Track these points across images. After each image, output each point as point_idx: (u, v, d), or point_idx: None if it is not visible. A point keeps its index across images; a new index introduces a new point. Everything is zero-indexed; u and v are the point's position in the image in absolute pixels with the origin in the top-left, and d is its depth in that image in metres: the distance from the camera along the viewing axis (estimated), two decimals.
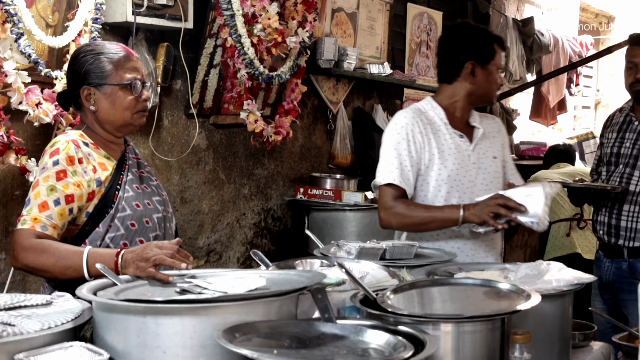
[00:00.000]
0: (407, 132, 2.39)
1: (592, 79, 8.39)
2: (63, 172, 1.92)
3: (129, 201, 2.01)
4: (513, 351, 1.58)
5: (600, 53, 5.77)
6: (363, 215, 3.67)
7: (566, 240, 4.48)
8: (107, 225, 1.97)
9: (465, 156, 2.44)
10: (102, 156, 2.03)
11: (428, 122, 2.44)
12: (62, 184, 1.91)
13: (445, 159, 2.41)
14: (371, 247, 2.16)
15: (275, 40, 3.32)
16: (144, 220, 2.03)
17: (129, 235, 1.99)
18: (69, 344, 1.40)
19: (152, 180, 2.16)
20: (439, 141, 2.42)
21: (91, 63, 2.01)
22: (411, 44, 5.11)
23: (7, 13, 2.28)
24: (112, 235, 1.97)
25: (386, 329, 1.40)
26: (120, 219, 1.99)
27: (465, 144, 2.45)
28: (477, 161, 2.45)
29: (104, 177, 2.00)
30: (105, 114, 2.03)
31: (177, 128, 3.34)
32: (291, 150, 4.06)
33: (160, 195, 2.15)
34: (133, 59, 2.06)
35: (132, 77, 2.02)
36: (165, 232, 2.10)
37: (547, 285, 1.75)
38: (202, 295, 1.47)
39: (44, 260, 1.82)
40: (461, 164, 2.43)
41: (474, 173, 2.44)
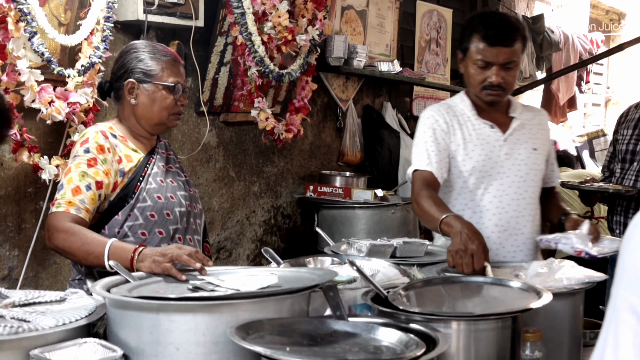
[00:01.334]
0: (432, 122, 2.39)
1: (603, 76, 8.36)
2: (94, 160, 2.01)
3: (150, 193, 2.08)
4: (524, 349, 1.58)
5: (611, 50, 5.74)
6: (372, 212, 3.67)
7: None
8: (127, 214, 2.04)
9: (496, 147, 2.36)
10: (129, 148, 2.11)
11: (455, 114, 2.41)
12: (92, 171, 2.00)
13: (470, 149, 2.35)
14: (382, 245, 2.16)
15: (286, 38, 3.33)
16: (165, 213, 2.09)
17: (147, 225, 2.05)
18: (83, 340, 1.41)
19: (180, 176, 2.22)
20: (465, 132, 2.37)
21: (141, 60, 2.12)
22: (420, 42, 5.11)
23: (20, 12, 2.30)
24: (130, 224, 2.04)
25: (398, 326, 1.41)
26: (140, 209, 2.05)
27: (497, 134, 2.37)
28: (510, 152, 2.36)
29: (128, 169, 2.08)
30: (144, 110, 2.13)
31: (187, 126, 3.36)
32: (301, 147, 4.07)
33: (187, 191, 2.20)
34: (179, 64, 2.17)
35: (176, 80, 2.13)
36: (188, 227, 2.15)
37: (558, 284, 1.75)
38: (215, 293, 1.48)
39: (71, 243, 1.90)
40: (489, 155, 2.35)
41: (507, 164, 2.35)
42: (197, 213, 2.22)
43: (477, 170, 2.35)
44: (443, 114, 2.40)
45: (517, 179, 2.36)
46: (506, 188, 2.35)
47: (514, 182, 2.35)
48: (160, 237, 2.07)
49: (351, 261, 1.65)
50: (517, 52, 2.29)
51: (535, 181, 2.38)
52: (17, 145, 2.43)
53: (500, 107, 2.41)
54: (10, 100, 2.35)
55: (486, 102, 2.37)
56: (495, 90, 2.30)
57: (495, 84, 2.28)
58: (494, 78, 2.28)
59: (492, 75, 2.28)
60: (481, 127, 2.37)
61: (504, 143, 2.37)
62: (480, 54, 2.28)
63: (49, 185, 2.63)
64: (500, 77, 2.28)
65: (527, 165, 2.37)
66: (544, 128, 2.47)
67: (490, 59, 2.27)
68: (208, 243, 2.34)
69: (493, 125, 2.37)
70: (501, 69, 2.27)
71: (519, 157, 2.37)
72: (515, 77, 2.34)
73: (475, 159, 2.35)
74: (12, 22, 2.28)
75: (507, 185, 2.35)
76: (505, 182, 2.35)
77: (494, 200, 2.34)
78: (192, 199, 2.21)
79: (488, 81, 2.29)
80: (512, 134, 2.38)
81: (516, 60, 2.29)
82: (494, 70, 2.28)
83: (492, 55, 2.27)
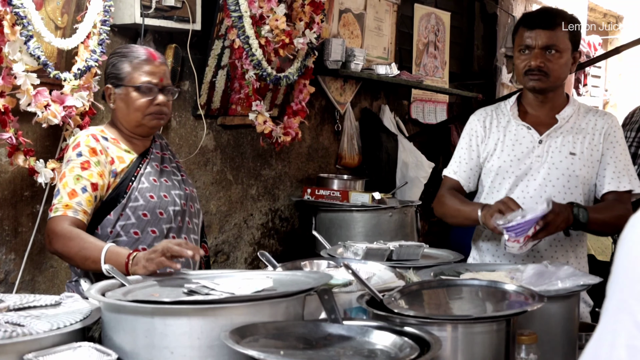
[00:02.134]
0: (470, 127, 2.45)
1: (601, 79, 8.36)
2: (87, 163, 2.04)
3: (142, 192, 2.09)
4: (519, 352, 1.58)
5: (608, 53, 5.74)
6: (370, 215, 3.67)
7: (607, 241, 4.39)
8: (119, 213, 2.06)
9: (529, 148, 2.32)
10: (122, 150, 2.13)
11: (497, 116, 2.42)
12: (87, 173, 2.03)
13: (501, 150, 2.36)
14: (378, 248, 2.16)
15: (283, 42, 3.33)
16: (158, 212, 2.10)
17: (140, 224, 2.07)
18: (77, 344, 1.41)
19: (176, 175, 2.23)
20: (501, 133, 2.38)
21: (114, 64, 2.15)
22: (418, 45, 5.11)
23: (16, 15, 2.30)
24: (122, 223, 2.06)
25: (392, 330, 1.41)
26: (132, 208, 2.07)
27: (532, 136, 2.33)
28: (542, 154, 2.31)
29: (120, 169, 2.10)
30: (121, 113, 2.16)
31: (185, 129, 3.36)
32: (298, 150, 4.07)
33: (184, 189, 2.21)
34: (153, 63, 2.15)
35: (147, 80, 2.12)
36: (183, 226, 2.16)
37: (553, 287, 1.75)
38: (210, 296, 1.48)
39: (69, 248, 1.93)
40: (519, 156, 2.33)
41: (537, 166, 2.31)
42: (193, 212, 2.23)
43: (504, 170, 2.34)
44: (484, 118, 2.43)
45: (544, 182, 2.30)
46: (531, 190, 2.31)
47: (540, 185, 2.30)
48: (153, 236, 2.08)
49: (346, 264, 1.65)
50: (559, 37, 2.25)
51: (568, 187, 2.29)
52: (12, 149, 2.43)
53: (549, 109, 2.35)
54: (6, 104, 2.35)
55: (531, 89, 2.32)
56: (536, 75, 2.26)
57: (534, 67, 2.25)
58: (534, 61, 2.24)
59: (532, 59, 2.25)
60: (518, 128, 2.36)
61: (539, 145, 2.33)
62: (520, 39, 2.29)
63: (45, 189, 2.63)
64: (540, 60, 2.24)
65: (558, 170, 2.29)
66: (598, 132, 2.33)
67: (530, 42, 2.26)
68: (206, 243, 2.35)
69: (530, 127, 2.34)
70: (542, 53, 2.24)
71: (551, 160, 2.31)
72: (561, 65, 2.27)
73: (503, 159, 2.35)
74: (7, 25, 2.28)
75: (532, 188, 2.31)
76: (531, 184, 2.31)
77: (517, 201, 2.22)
78: (189, 198, 2.22)
79: (528, 65, 2.26)
80: (550, 135, 2.32)
81: (558, 45, 2.24)
82: (534, 54, 2.25)
83: (532, 39, 2.26)
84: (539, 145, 2.33)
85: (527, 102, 2.39)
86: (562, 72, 2.29)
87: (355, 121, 4.43)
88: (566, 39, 2.27)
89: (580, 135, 2.33)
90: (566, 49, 2.27)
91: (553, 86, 2.31)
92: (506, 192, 2.33)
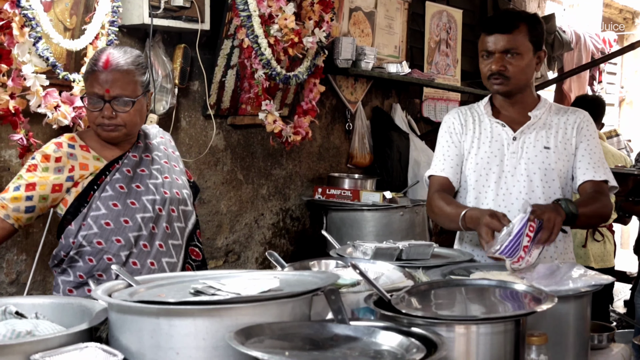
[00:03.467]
0: (448, 125, 2.46)
1: (616, 76, 8.28)
2: (34, 166, 2.06)
3: (104, 200, 2.05)
4: (529, 353, 1.56)
5: (623, 49, 5.69)
6: (381, 215, 3.66)
7: (581, 251, 4.30)
8: (80, 223, 2.04)
9: (504, 145, 2.38)
10: (90, 157, 2.10)
11: (472, 114, 2.45)
12: (28, 175, 2.05)
13: (478, 147, 2.39)
14: (387, 248, 2.15)
15: (292, 41, 3.33)
16: (122, 220, 2.06)
17: (103, 234, 2.04)
18: (84, 344, 1.41)
19: (156, 178, 2.14)
20: (477, 131, 2.41)
21: (85, 71, 2.13)
22: (430, 43, 5.09)
23: (25, 17, 2.31)
24: (84, 233, 2.04)
25: (399, 330, 1.39)
26: (93, 217, 2.04)
27: (507, 133, 2.38)
28: (517, 150, 2.36)
29: (79, 176, 2.07)
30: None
31: (194, 129, 3.36)
32: (309, 150, 4.06)
33: (162, 194, 2.13)
34: (103, 72, 2.01)
35: (93, 91, 2.04)
36: (158, 232, 2.10)
37: (564, 287, 1.73)
38: (215, 297, 1.47)
39: None
40: (495, 152, 2.37)
41: (514, 162, 2.36)
42: (175, 216, 2.15)
43: (481, 167, 2.37)
44: (459, 116, 2.45)
45: (522, 178, 2.35)
46: (510, 186, 2.35)
47: (519, 181, 2.35)
48: (118, 245, 2.05)
49: (353, 264, 1.63)
50: (518, 40, 2.27)
51: (545, 181, 2.35)
52: (23, 150, 2.44)
53: (520, 108, 2.39)
54: (16, 105, 2.36)
55: (495, 93, 2.37)
56: (497, 79, 2.30)
57: (495, 71, 2.29)
58: (494, 66, 2.28)
59: (492, 64, 2.29)
60: (493, 126, 2.40)
61: (513, 141, 2.37)
62: (482, 44, 2.32)
63: None
64: (500, 64, 2.28)
65: (534, 164, 2.34)
66: (571, 126, 2.38)
67: (489, 47, 2.30)
68: (198, 247, 2.25)
69: (505, 124, 2.38)
70: (502, 57, 2.27)
71: (526, 155, 2.36)
72: (521, 67, 2.30)
73: (480, 156, 2.37)
74: (16, 27, 2.29)
75: (511, 184, 2.35)
76: (510, 180, 2.36)
77: (496, 198, 2.35)
78: (170, 201, 2.14)
79: (490, 70, 2.30)
80: (524, 132, 2.37)
81: (517, 47, 2.27)
82: (494, 59, 2.29)
83: (491, 43, 2.29)
84: (513, 142, 2.37)
85: (499, 103, 2.44)
86: (523, 73, 2.32)
87: (366, 120, 4.41)
88: (526, 41, 2.29)
89: (552, 130, 2.38)
90: (527, 50, 2.29)
91: (516, 88, 2.35)
92: (487, 188, 2.36)
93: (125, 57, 2.06)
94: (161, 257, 2.10)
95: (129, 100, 2.04)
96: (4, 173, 2.63)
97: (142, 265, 2.06)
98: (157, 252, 2.09)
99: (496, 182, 2.36)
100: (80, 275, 2.05)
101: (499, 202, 2.35)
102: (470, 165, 2.40)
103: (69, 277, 2.07)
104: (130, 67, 2.05)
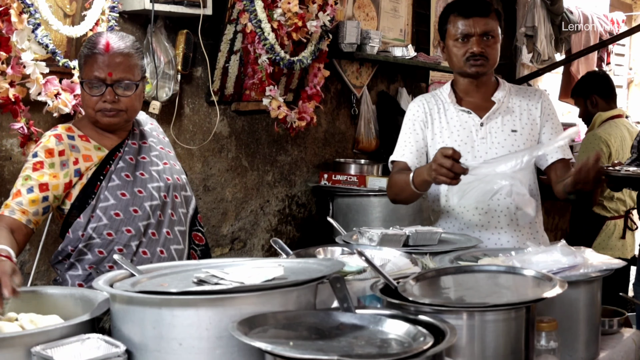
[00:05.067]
0: (412, 113, 2.50)
1: (625, 57, 8.19)
2: (39, 164, 1.97)
3: (112, 190, 2.01)
4: (539, 340, 1.54)
5: (631, 30, 5.62)
6: (388, 200, 3.59)
7: (619, 242, 4.22)
8: (89, 215, 1.99)
9: (472, 132, 2.42)
10: (91, 147, 2.04)
11: (436, 103, 2.49)
12: (37, 174, 1.96)
13: (447, 136, 2.43)
14: (394, 234, 2.12)
15: (296, 25, 3.29)
16: (132, 209, 2.01)
17: (113, 225, 2.00)
18: (86, 336, 1.39)
19: (157, 165, 2.11)
20: (444, 120, 2.45)
21: (79, 55, 2.04)
22: (436, 26, 5.02)
23: (23, 4, 2.28)
24: (94, 225, 1.99)
25: (406, 318, 1.37)
26: (102, 209, 1.99)
27: (473, 120, 2.42)
28: (486, 136, 2.41)
29: (85, 168, 2.01)
30: (83, 108, 2.08)
31: (198, 116, 3.33)
32: (315, 135, 4.02)
33: (165, 180, 2.10)
34: (104, 55, 1.96)
35: (94, 76, 1.97)
36: (165, 220, 2.07)
37: (574, 272, 1.70)
38: (218, 286, 1.45)
39: None
40: (465, 140, 2.41)
41: (484, 148, 2.40)
42: (178, 202, 2.12)
43: None
44: (424, 104, 2.50)
45: None
46: None
47: None
48: (129, 236, 2.01)
49: (359, 251, 1.60)
50: (493, 24, 2.35)
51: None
52: (24, 139, 2.42)
53: (484, 92, 2.45)
54: (16, 94, 2.33)
55: (471, 75, 2.39)
56: (478, 60, 2.35)
57: (477, 52, 2.33)
58: (475, 48, 2.32)
59: (473, 46, 2.33)
60: (459, 114, 2.45)
61: (481, 127, 2.42)
62: (459, 28, 2.34)
63: None
64: (481, 46, 2.33)
65: (504, 148, 2.39)
66: (535, 107, 2.45)
67: (469, 30, 2.34)
68: (201, 232, 2.23)
69: (470, 111, 2.43)
70: (481, 39, 2.32)
71: (495, 139, 2.41)
72: (496, 50, 2.38)
73: (450, 144, 2.39)
74: (15, 14, 2.26)
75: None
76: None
77: None
78: (172, 187, 2.11)
79: (469, 52, 2.34)
80: (490, 117, 2.42)
81: (494, 31, 2.34)
82: (474, 41, 2.33)
83: (470, 26, 2.33)
84: (480, 127, 2.42)
85: (462, 89, 2.47)
86: (497, 56, 2.40)
87: (372, 105, 4.37)
88: (497, 25, 2.38)
89: (517, 113, 2.44)
90: (498, 34, 2.38)
91: (491, 70, 2.43)
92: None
93: (125, 41, 2.01)
94: (169, 245, 2.07)
95: (132, 83, 1.99)
96: (6, 162, 2.61)
97: (152, 254, 2.03)
98: (165, 239, 2.06)
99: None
100: (89, 267, 2.01)
101: None
102: None
103: (77, 271, 2.02)
104: (130, 50, 2.01)
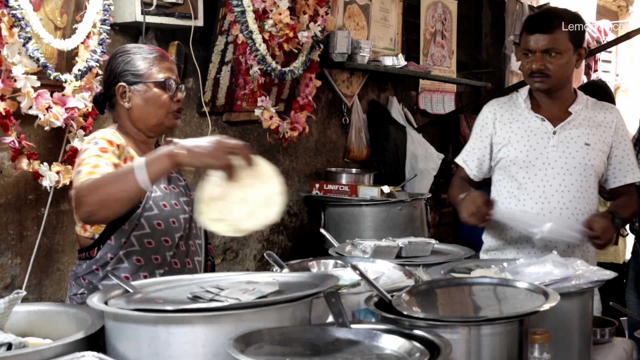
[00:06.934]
0: (482, 117, 2.58)
1: (611, 64, 8.25)
2: (104, 149, 1.93)
3: (156, 201, 2.02)
4: (532, 351, 1.54)
5: (618, 39, 5.65)
6: (379, 210, 3.63)
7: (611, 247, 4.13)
8: (134, 223, 1.98)
9: (543, 139, 2.44)
10: (135, 155, 2.03)
11: (510, 107, 2.54)
12: (106, 155, 1.91)
13: (516, 140, 2.46)
14: (387, 246, 2.13)
15: (287, 36, 3.29)
16: (171, 220, 2.03)
17: (154, 234, 2.00)
18: (81, 354, 1.38)
19: (180, 180, 2.17)
20: (515, 125, 2.49)
21: (127, 62, 2.05)
22: (426, 34, 5.05)
23: (14, 17, 2.27)
24: (138, 233, 1.98)
25: (401, 333, 1.37)
26: (147, 218, 1.99)
27: (546, 127, 2.45)
28: (558, 144, 2.43)
29: None
30: (139, 112, 2.05)
31: (190, 127, 3.33)
32: (306, 145, 4.03)
33: (188, 195, 2.15)
34: (168, 59, 2.11)
35: (167, 76, 2.06)
36: (190, 232, 2.10)
37: (566, 283, 1.71)
38: (214, 303, 1.45)
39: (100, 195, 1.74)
40: (534, 146, 2.44)
41: (554, 155, 2.43)
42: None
43: (521, 160, 2.45)
44: (496, 108, 2.56)
45: (562, 171, 2.42)
46: (550, 179, 2.42)
47: (559, 174, 2.41)
48: (166, 246, 2.02)
49: (353, 265, 1.61)
50: (558, 39, 2.37)
51: (584, 176, 2.42)
52: (15, 153, 2.40)
53: (561, 102, 2.48)
54: (7, 107, 2.32)
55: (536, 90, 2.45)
56: (538, 77, 2.39)
57: (535, 70, 2.38)
58: (534, 65, 2.38)
59: (533, 63, 2.38)
60: (531, 120, 2.48)
61: (553, 136, 2.44)
62: (524, 43, 2.42)
63: (49, 192, 2.61)
64: (541, 63, 2.37)
65: (575, 159, 2.41)
66: (608, 125, 2.47)
67: (531, 46, 2.39)
68: (211, 244, 2.30)
69: (544, 118, 2.46)
70: (542, 56, 2.36)
71: (567, 150, 2.43)
72: (561, 65, 2.39)
73: (519, 149, 2.45)
74: (5, 27, 2.25)
75: (551, 177, 2.42)
76: (550, 173, 2.43)
77: (537, 190, 2.42)
78: (192, 203, 2.14)
79: (530, 69, 2.40)
80: (564, 127, 2.45)
81: (558, 47, 2.36)
82: (535, 58, 2.38)
83: (532, 43, 2.38)
84: (553, 135, 2.44)
85: (539, 98, 2.51)
86: (564, 72, 2.42)
87: (362, 114, 4.38)
88: (566, 40, 2.39)
89: (593, 128, 2.45)
90: (567, 49, 2.38)
91: (556, 86, 2.44)
92: (526, 180, 2.44)
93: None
94: (194, 256, 2.11)
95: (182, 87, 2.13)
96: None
97: (182, 265, 2.06)
98: (190, 251, 2.09)
99: (537, 174, 2.43)
100: (125, 277, 1.96)
101: (539, 194, 2.42)
102: (510, 157, 2.46)
103: (111, 281, 1.92)
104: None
